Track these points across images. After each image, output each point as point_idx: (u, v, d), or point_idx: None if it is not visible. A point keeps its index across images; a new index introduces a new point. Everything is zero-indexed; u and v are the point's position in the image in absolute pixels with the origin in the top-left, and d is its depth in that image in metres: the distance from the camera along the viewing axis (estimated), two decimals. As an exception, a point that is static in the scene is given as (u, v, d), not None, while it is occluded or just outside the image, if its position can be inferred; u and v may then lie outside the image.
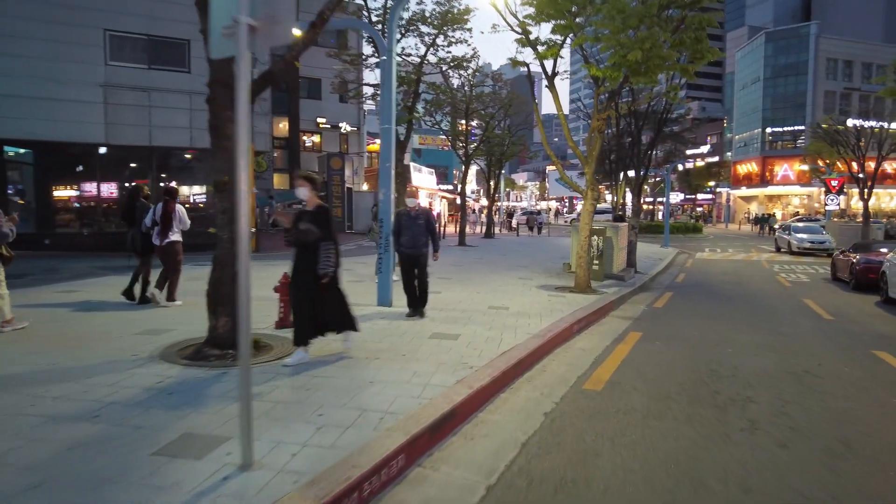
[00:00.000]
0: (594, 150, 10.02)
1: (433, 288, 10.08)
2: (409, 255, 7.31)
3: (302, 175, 5.29)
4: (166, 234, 7.69)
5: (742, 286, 13.78)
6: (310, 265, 5.05)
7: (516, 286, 10.90)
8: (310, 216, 5.12)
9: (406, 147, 14.31)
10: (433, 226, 7.41)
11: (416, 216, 7.32)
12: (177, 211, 7.77)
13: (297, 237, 5.12)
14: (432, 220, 7.47)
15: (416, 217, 7.32)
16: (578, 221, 16.16)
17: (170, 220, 7.70)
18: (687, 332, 8.00)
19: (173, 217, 7.72)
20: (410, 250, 7.31)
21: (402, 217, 7.38)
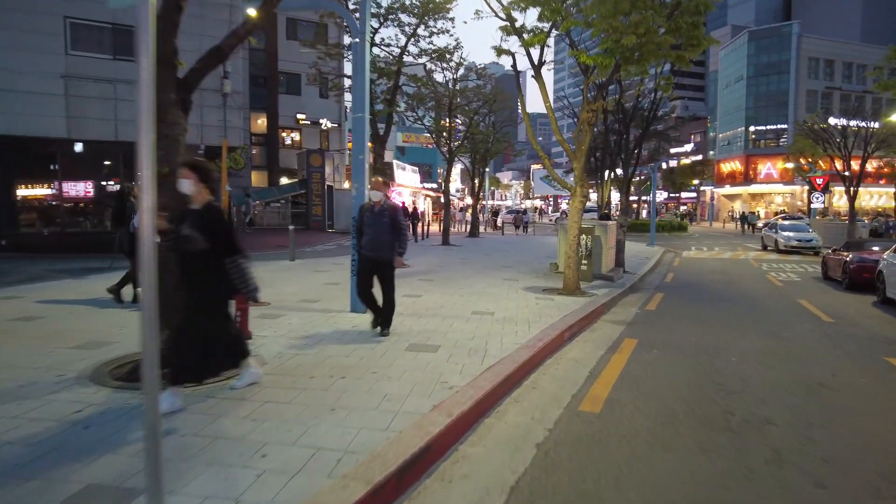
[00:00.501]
0: (583, 145, 9.43)
1: (413, 291, 9.63)
2: (370, 258, 6.20)
3: (185, 163, 4.16)
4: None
5: (733, 286, 13.33)
6: (194, 284, 3.91)
7: (502, 288, 10.28)
8: (195, 218, 3.92)
9: (386, 141, 13.61)
10: (400, 224, 6.23)
11: (380, 212, 6.18)
12: None
13: (177, 245, 3.94)
14: (399, 217, 6.25)
15: (380, 213, 6.18)
16: (564, 220, 15.58)
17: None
18: (684, 337, 7.44)
19: None
20: (371, 253, 6.17)
21: (363, 213, 6.32)
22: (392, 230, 6.15)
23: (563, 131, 70.12)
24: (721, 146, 62.92)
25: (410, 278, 11.25)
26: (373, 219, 6.19)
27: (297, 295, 8.81)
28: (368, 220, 6.22)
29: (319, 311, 7.37)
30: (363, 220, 6.28)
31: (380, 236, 6.11)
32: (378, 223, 6.16)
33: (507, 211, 53.96)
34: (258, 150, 32.16)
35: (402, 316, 7.24)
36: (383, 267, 6.16)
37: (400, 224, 6.22)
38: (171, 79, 4.60)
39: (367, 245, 6.20)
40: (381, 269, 6.17)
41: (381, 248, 6.13)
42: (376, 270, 6.17)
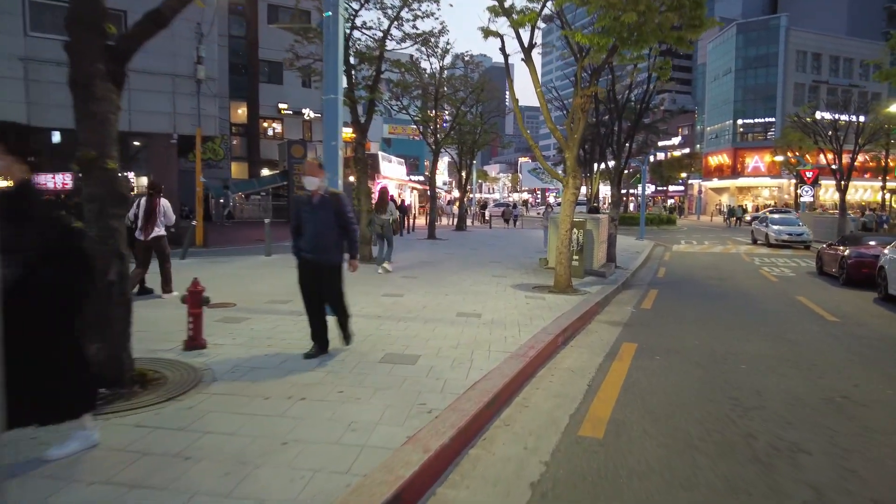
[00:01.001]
0: (576, 133, 8.81)
1: (394, 290, 8.94)
2: (311, 263, 4.92)
3: None
4: (151, 228, 7.64)
5: (727, 282, 12.87)
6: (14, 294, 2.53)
7: (489, 286, 9.65)
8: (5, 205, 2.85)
9: (367, 130, 12.87)
10: (348, 219, 4.98)
11: (319, 204, 4.89)
12: (161, 205, 7.76)
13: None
14: (346, 208, 5.00)
15: (320, 206, 4.89)
16: (552, 213, 15.05)
17: (154, 215, 7.66)
18: (686, 340, 6.88)
19: (158, 212, 7.69)
20: (312, 256, 4.90)
21: (299, 206, 5.03)
22: (337, 226, 4.94)
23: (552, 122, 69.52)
24: (709, 139, 62.82)
25: (393, 275, 10.58)
26: (311, 213, 4.91)
27: (267, 294, 8.10)
28: (306, 216, 4.94)
29: (288, 314, 6.68)
30: (299, 215, 5.02)
31: (322, 234, 4.88)
32: (318, 218, 4.89)
33: (494, 204, 53.40)
34: (238, 141, 31.15)
35: (381, 319, 6.59)
36: (328, 273, 4.99)
37: (347, 217, 4.98)
38: (98, 46, 3.87)
39: (306, 246, 4.91)
40: (325, 276, 4.99)
41: (325, 250, 4.91)
42: (319, 278, 4.97)
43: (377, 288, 9.07)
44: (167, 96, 15.98)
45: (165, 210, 7.84)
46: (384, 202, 11.64)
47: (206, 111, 16.50)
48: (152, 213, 7.67)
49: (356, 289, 8.86)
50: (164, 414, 3.55)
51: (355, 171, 12.72)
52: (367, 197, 12.65)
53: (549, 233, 13.04)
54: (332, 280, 5.04)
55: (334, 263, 5.01)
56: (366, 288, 9.04)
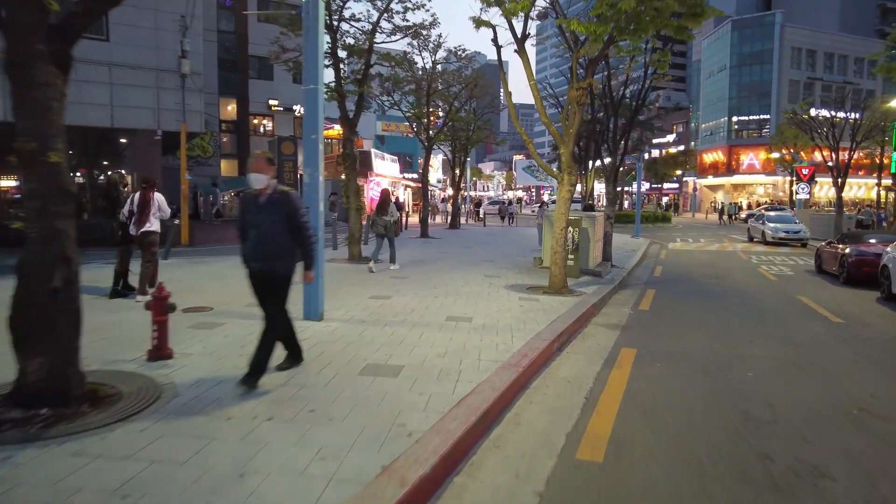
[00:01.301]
0: (571, 128, 8.43)
1: (382, 291, 8.50)
2: (257, 273, 4.22)
3: None
4: (143, 223, 7.46)
5: (725, 280, 12.58)
6: None
7: (482, 287, 9.27)
8: None
9: (356, 125, 12.45)
10: (301, 222, 4.22)
11: (267, 204, 4.18)
12: (155, 199, 7.56)
13: None
14: (297, 208, 4.24)
15: (267, 206, 4.17)
16: (547, 210, 14.69)
17: (148, 210, 7.48)
18: (687, 344, 6.53)
19: (151, 206, 7.51)
20: (258, 265, 4.19)
21: (245, 205, 4.34)
22: (288, 230, 4.19)
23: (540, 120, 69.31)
24: (704, 136, 62.66)
25: (381, 276, 10.19)
26: (257, 215, 4.19)
27: (247, 297, 7.65)
28: (252, 218, 4.22)
29: (267, 319, 6.28)
30: (245, 216, 4.31)
31: (268, 240, 4.14)
32: (264, 221, 4.16)
33: (489, 202, 53.06)
34: (228, 138, 30.63)
35: (365, 324, 6.19)
36: (275, 284, 4.20)
37: (299, 220, 4.21)
38: (39, 24, 3.45)
39: (251, 254, 4.20)
40: (272, 287, 4.21)
41: (271, 257, 4.16)
42: (264, 287, 4.23)
43: (364, 289, 8.67)
44: (151, 91, 15.51)
45: (160, 204, 7.64)
46: (386, 204, 11.39)
47: (192, 106, 16.03)
48: (146, 207, 7.48)
49: (343, 290, 8.49)
50: (110, 439, 3.15)
51: (344, 167, 12.30)
52: (355, 195, 12.25)
53: (543, 231, 12.67)
54: (277, 293, 4.24)
55: (283, 273, 4.19)
56: (353, 289, 8.65)
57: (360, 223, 12.36)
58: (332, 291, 8.26)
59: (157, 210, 7.59)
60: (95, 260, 10.21)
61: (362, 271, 10.81)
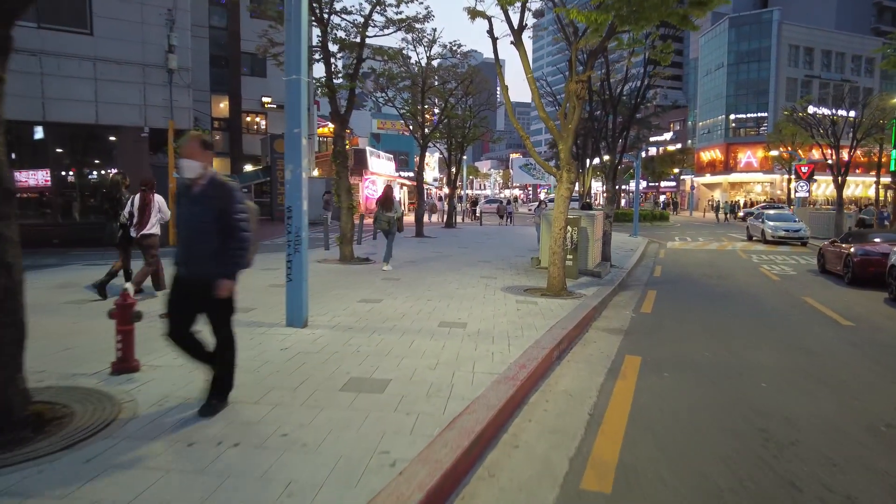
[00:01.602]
0: (570, 123, 8.05)
1: (372, 294, 8.08)
2: (184, 279, 3.57)
3: None
4: (143, 225, 7.34)
5: (727, 280, 12.26)
6: None
7: (477, 289, 8.89)
8: None
9: (347, 121, 12.05)
10: (234, 220, 3.48)
11: (199, 198, 3.49)
12: (155, 202, 7.45)
13: None
14: (233, 205, 3.49)
15: (199, 200, 3.49)
16: (544, 209, 14.34)
17: (149, 212, 7.36)
18: (693, 351, 6.17)
19: (152, 208, 7.40)
20: (186, 269, 3.57)
21: (178, 197, 3.65)
22: (219, 228, 3.45)
23: (536, 120, 69.63)
24: (701, 134, 62.41)
25: (372, 278, 9.80)
26: (189, 208, 3.51)
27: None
28: (183, 212, 3.56)
29: (248, 325, 5.89)
30: (178, 213, 3.63)
31: (196, 239, 3.48)
32: (195, 215, 3.48)
33: (485, 200, 52.68)
34: (220, 136, 30.13)
35: (352, 331, 5.81)
36: (206, 293, 3.47)
37: (233, 217, 3.47)
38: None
39: (179, 255, 3.58)
40: (203, 297, 3.50)
41: (200, 261, 3.48)
42: (197, 299, 3.52)
43: (354, 292, 8.28)
44: (137, 87, 15.05)
45: (160, 206, 7.52)
46: (389, 200, 11.34)
47: (180, 103, 15.58)
48: (146, 209, 7.35)
49: (331, 292, 8.09)
50: (50, 471, 2.76)
51: (335, 165, 11.89)
52: (347, 193, 11.84)
53: (541, 231, 12.31)
54: (214, 302, 3.52)
55: (212, 279, 3.46)
56: (342, 291, 8.25)
57: (351, 222, 11.97)
58: (320, 294, 7.87)
59: (158, 212, 7.48)
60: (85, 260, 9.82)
61: (353, 272, 10.42)
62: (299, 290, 5.78)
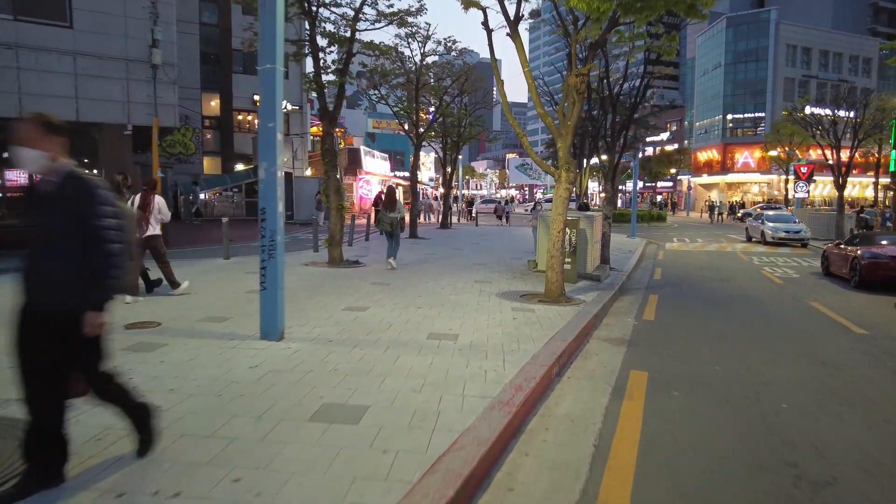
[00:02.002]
0: (570, 119, 7.57)
1: (358, 301, 7.46)
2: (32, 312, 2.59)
3: None
4: (146, 226, 7.27)
5: (730, 284, 11.84)
6: None
7: (471, 295, 8.40)
8: None
9: (336, 118, 11.56)
10: (98, 227, 2.56)
11: (47, 199, 2.61)
12: (155, 202, 7.38)
13: None
14: (93, 206, 2.58)
15: (47, 201, 2.61)
16: (541, 211, 13.87)
17: (148, 212, 7.30)
18: (703, 365, 5.70)
19: (152, 209, 7.32)
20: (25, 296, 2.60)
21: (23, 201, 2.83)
22: (76, 240, 2.57)
23: (534, 121, 69.16)
24: (698, 135, 62.10)
25: (361, 282, 9.29)
26: (36, 213, 2.64)
27: (205, 309, 6.77)
28: (28, 220, 2.66)
29: (219, 338, 5.39)
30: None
31: (46, 256, 2.58)
32: (43, 224, 2.62)
33: (482, 200, 52.23)
34: (211, 135, 29.60)
35: (332, 344, 5.31)
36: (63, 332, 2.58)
37: (96, 224, 2.57)
38: None
39: (22, 280, 2.62)
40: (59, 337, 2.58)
41: (51, 288, 2.58)
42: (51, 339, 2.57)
43: (339, 298, 7.77)
44: (120, 83, 14.49)
45: (160, 207, 7.46)
46: (393, 200, 11.37)
47: (164, 100, 15.03)
48: (146, 209, 7.29)
49: (314, 299, 7.58)
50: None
51: (323, 163, 11.38)
52: (336, 193, 11.34)
53: (538, 233, 11.84)
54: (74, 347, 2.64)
55: (62, 313, 2.57)
56: (326, 298, 7.74)
57: (341, 224, 11.47)
58: (303, 302, 7.37)
59: (158, 213, 7.42)
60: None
61: (341, 276, 9.92)
62: (274, 299, 5.28)
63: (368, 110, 51.49)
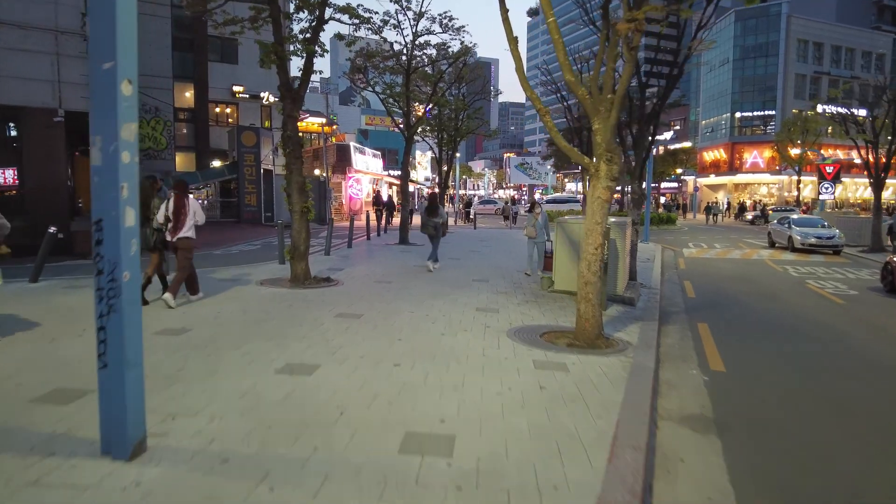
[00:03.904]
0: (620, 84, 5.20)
1: (305, 352, 4.69)
2: None
3: None
4: (179, 229, 6.99)
5: (778, 303, 9.86)
6: None
7: (473, 335, 6.02)
8: None
9: (301, 97, 9.18)
10: None
11: None
12: (190, 205, 7.13)
13: None
14: None
15: None
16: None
17: (183, 215, 7.01)
18: (859, 479, 3.35)
19: (186, 211, 7.04)
20: None
21: None
22: None
23: (534, 130, 66.54)
24: (704, 133, 59.80)
25: (323, 313, 6.88)
26: None
27: (56, 371, 4.35)
28: None
29: (30, 451, 2.99)
30: None
31: None
32: None
33: (479, 201, 49.86)
34: (184, 128, 27.07)
35: (223, 469, 2.89)
36: None
37: None
38: None
39: None
40: None
41: None
42: None
43: (280, 346, 5.35)
44: (47, 59, 12.02)
45: (195, 209, 7.22)
46: (435, 206, 11.49)
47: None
48: (180, 212, 7.03)
49: (236, 353, 5.08)
50: None
51: (285, 155, 9.00)
52: (300, 192, 8.94)
53: (556, 245, 9.44)
54: None
55: None
56: (258, 348, 5.28)
57: (305, 231, 9.07)
58: (220, 355, 4.95)
59: (193, 215, 7.15)
60: None
61: (300, 302, 7.51)
62: (121, 386, 2.87)
63: (363, 106, 49.01)
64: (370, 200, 33.40)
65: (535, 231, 10.94)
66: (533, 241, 11.05)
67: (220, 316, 6.57)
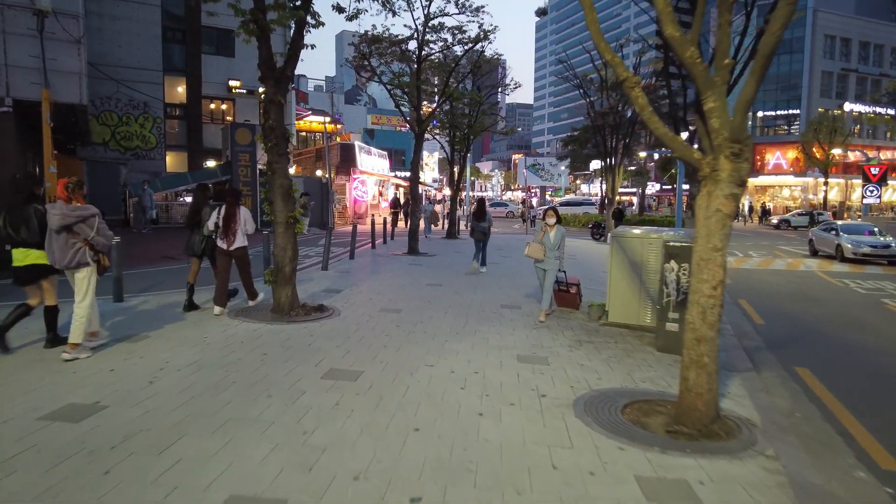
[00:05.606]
0: (776, 33, 3.22)
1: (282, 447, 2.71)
2: None
3: None
4: (233, 238, 7.02)
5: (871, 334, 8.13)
6: None
7: (527, 422, 4.00)
8: None
9: (289, 80, 7.26)
10: None
11: None
12: (241, 214, 7.09)
13: None
14: None
15: None
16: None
17: (234, 224, 7.01)
18: None
19: (237, 220, 7.03)
20: None
21: None
22: None
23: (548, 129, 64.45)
24: (722, 134, 57.56)
25: (307, 370, 4.86)
26: None
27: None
28: None
29: None
30: None
31: None
32: None
33: (490, 204, 47.94)
34: (176, 125, 25.24)
35: None
36: None
37: None
38: None
39: None
40: None
41: None
42: None
43: (228, 451, 3.35)
44: (-7, 38, 10.19)
45: (246, 219, 7.11)
46: (483, 212, 11.56)
47: (61, 65, 10.68)
48: (231, 221, 6.95)
49: (166, 455, 2.97)
50: None
51: (265, 149, 7.06)
52: (284, 198, 6.99)
53: (610, 264, 7.41)
54: None
55: None
56: (200, 446, 3.27)
57: (291, 248, 7.11)
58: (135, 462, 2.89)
59: (244, 224, 7.08)
60: None
61: (277, 349, 5.51)
62: None
63: (369, 105, 47.10)
64: (376, 203, 31.64)
65: (544, 251, 7.36)
66: (541, 266, 7.47)
67: (159, 378, 4.60)
